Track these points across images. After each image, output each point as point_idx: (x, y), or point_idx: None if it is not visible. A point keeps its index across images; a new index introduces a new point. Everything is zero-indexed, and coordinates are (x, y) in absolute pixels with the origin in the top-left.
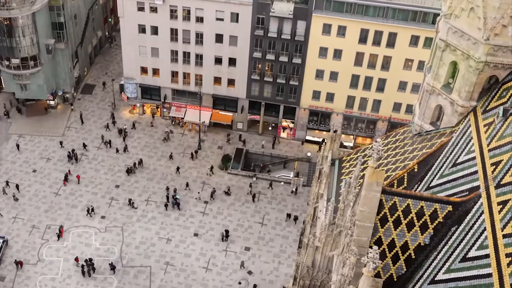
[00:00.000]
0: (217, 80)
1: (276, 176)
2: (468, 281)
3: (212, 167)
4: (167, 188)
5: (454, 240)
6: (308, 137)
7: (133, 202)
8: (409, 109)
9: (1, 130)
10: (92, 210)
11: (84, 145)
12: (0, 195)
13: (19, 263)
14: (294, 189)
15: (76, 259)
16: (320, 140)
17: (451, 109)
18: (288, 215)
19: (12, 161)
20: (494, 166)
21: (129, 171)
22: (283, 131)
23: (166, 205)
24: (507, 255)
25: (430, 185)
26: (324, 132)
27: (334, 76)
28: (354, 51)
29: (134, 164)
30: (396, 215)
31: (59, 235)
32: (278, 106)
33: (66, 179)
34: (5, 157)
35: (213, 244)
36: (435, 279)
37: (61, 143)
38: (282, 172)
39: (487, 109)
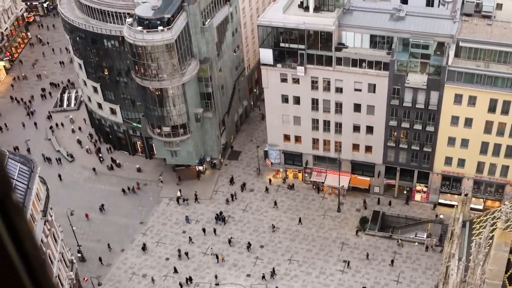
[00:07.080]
0: (355, 147)
1: (411, 236)
2: None
3: (357, 231)
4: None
5: None
6: (440, 200)
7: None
8: None
9: (154, 193)
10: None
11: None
12: (152, 254)
13: None
14: (426, 249)
15: None
16: (452, 203)
17: None
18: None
19: (163, 222)
20: None
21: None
22: (417, 195)
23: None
24: None
25: None
26: (456, 196)
27: (465, 143)
28: (484, 119)
29: (273, 225)
30: None
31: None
32: (413, 171)
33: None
34: (157, 219)
35: None
36: None
37: (227, 200)
38: (416, 232)
39: None
